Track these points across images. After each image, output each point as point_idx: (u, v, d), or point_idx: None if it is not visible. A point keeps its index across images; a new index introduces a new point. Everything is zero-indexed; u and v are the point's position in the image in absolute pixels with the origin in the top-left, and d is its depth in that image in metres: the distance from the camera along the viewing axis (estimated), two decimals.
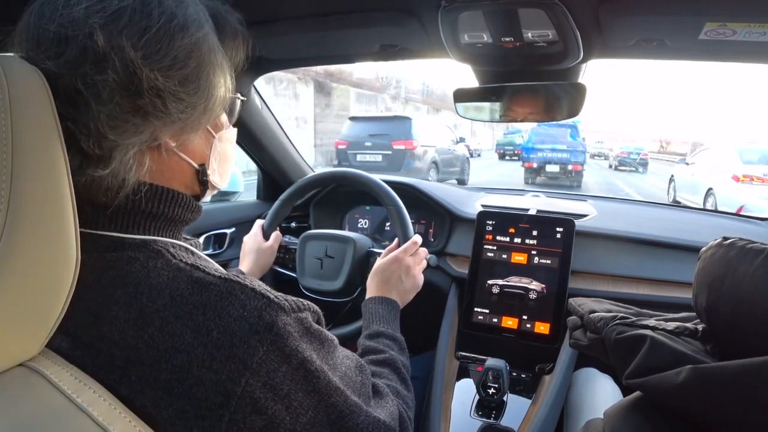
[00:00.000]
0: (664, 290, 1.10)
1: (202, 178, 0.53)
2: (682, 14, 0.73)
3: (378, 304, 0.83)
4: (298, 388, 0.46)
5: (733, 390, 0.43)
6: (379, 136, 7.84)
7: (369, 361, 0.70)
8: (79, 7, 0.41)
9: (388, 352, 0.72)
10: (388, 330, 0.77)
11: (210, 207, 1.41)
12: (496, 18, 0.76)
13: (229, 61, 0.52)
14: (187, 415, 0.42)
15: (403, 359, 0.73)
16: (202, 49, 0.46)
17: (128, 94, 0.42)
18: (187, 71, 0.45)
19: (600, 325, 0.60)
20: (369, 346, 0.74)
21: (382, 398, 0.59)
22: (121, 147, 0.44)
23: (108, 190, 0.44)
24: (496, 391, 0.96)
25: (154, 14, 0.43)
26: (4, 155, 0.36)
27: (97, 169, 0.43)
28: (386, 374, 0.68)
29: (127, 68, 0.41)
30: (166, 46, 0.43)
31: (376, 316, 0.80)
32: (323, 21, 0.91)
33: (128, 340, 0.42)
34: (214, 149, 0.55)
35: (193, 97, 0.46)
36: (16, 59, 0.40)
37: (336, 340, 0.54)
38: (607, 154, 29.56)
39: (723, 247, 0.51)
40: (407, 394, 0.68)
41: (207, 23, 0.48)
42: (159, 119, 0.45)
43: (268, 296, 0.46)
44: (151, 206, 0.48)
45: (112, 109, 0.42)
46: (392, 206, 1.05)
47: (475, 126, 13.62)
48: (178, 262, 0.46)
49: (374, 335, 0.76)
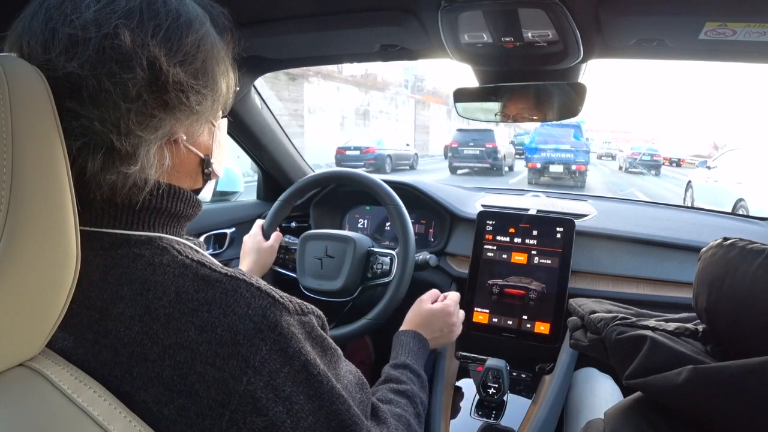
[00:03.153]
0: (665, 290, 1.10)
1: (205, 169, 0.54)
2: (682, 14, 0.73)
3: (411, 338, 0.83)
4: (299, 391, 0.46)
5: (734, 390, 0.43)
6: (476, 139, 13.27)
7: (389, 389, 0.70)
8: (89, 10, 0.42)
9: (410, 384, 0.72)
10: (414, 365, 0.77)
11: (210, 207, 1.41)
12: (496, 18, 0.76)
13: (228, 54, 0.53)
14: (187, 413, 0.42)
15: (422, 396, 0.73)
16: (206, 44, 0.48)
17: (155, 90, 0.43)
18: (197, 65, 0.47)
19: (600, 325, 0.60)
20: (392, 375, 0.74)
21: (378, 424, 0.57)
22: (146, 142, 0.45)
23: (134, 186, 0.45)
24: (497, 391, 0.96)
25: (161, 13, 0.44)
26: (4, 155, 0.36)
27: (130, 166, 0.44)
28: (402, 405, 0.67)
29: (153, 65, 0.43)
30: (178, 42, 0.45)
31: (405, 348, 0.80)
32: (323, 21, 0.91)
33: (133, 336, 0.42)
34: (215, 138, 0.56)
35: (205, 90, 0.48)
36: (17, 59, 0.40)
37: (340, 350, 0.54)
38: (615, 155, 29.15)
39: (723, 248, 0.51)
40: (418, 430, 0.67)
41: (206, 19, 0.49)
42: (182, 112, 0.47)
43: (273, 295, 0.47)
44: (154, 202, 0.48)
45: (140, 106, 0.43)
46: (392, 206, 1.05)
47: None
48: (184, 258, 0.47)
49: (400, 366, 0.76)
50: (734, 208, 5.70)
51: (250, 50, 1.05)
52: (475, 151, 13.26)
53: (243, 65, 0.56)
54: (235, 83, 0.55)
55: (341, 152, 13.06)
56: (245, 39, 0.53)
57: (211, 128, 0.55)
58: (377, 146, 13.33)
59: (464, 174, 13.61)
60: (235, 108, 1.24)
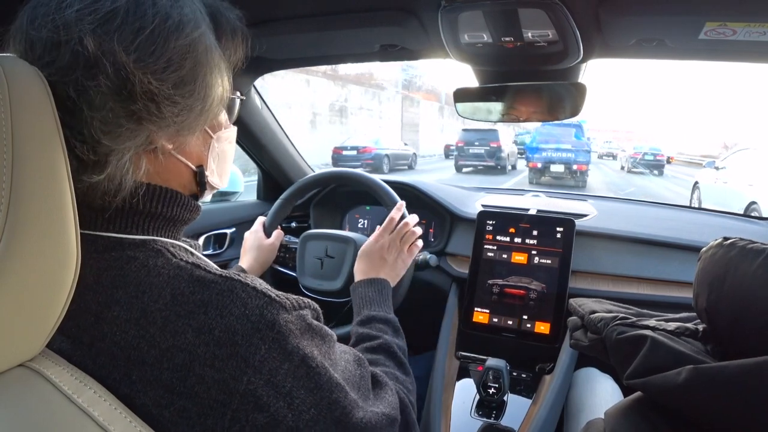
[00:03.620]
0: (665, 290, 1.10)
1: (199, 180, 0.53)
2: (682, 14, 0.73)
3: (366, 287, 0.81)
4: (300, 386, 0.46)
5: (734, 390, 0.43)
6: (481, 139, 13.95)
7: (363, 348, 0.70)
8: (71, 9, 0.40)
9: (382, 336, 0.71)
10: (380, 313, 0.76)
11: (210, 207, 1.41)
12: (496, 18, 0.76)
13: (226, 61, 0.51)
14: (188, 414, 0.42)
15: (398, 342, 0.72)
16: (198, 49, 0.46)
17: (121, 99, 0.42)
18: (182, 73, 0.44)
19: (600, 325, 0.60)
20: (362, 333, 0.73)
21: (381, 388, 0.59)
22: (117, 152, 0.43)
23: (105, 194, 0.44)
24: (497, 391, 0.96)
25: (148, 15, 0.42)
26: (4, 155, 0.36)
27: (93, 175, 0.43)
28: (382, 361, 0.68)
29: (119, 73, 0.41)
30: (161, 48, 0.43)
31: (365, 300, 0.79)
32: (323, 21, 0.91)
33: (130, 340, 0.42)
34: (212, 150, 0.54)
35: (189, 100, 0.46)
36: (16, 59, 0.40)
37: (334, 335, 0.54)
38: (617, 154, 28.91)
39: (723, 247, 0.51)
40: (405, 378, 0.67)
41: (204, 22, 0.47)
42: (154, 123, 0.44)
43: (269, 294, 0.47)
44: (149, 207, 0.48)
45: (105, 115, 0.41)
46: (392, 207, 1.04)
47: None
48: (179, 260, 0.46)
49: (366, 321, 0.75)
50: (746, 211, 5.35)
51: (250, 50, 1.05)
52: (480, 150, 13.93)
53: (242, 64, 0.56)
54: (231, 91, 0.53)
55: (338, 152, 13.02)
56: None
57: (207, 139, 0.53)
58: (375, 146, 13.31)
59: (469, 172, 14.04)
60: None
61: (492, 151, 13.86)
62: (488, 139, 13.71)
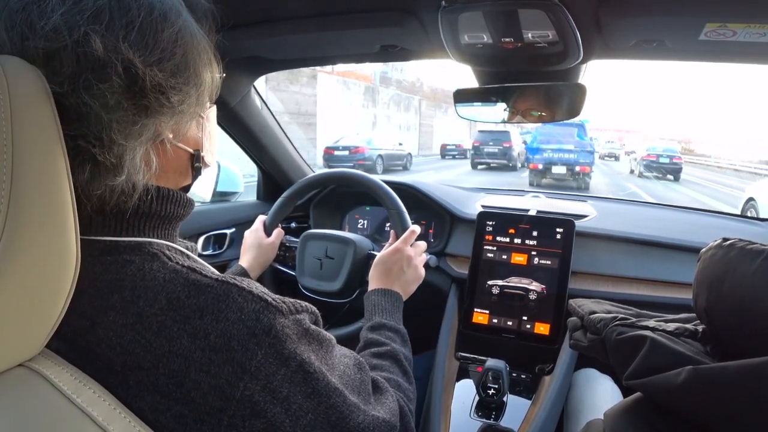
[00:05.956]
0: (664, 291, 1.10)
1: (195, 164, 0.53)
2: (682, 15, 0.73)
3: (380, 296, 0.82)
4: (297, 391, 0.46)
5: (734, 390, 0.43)
6: (495, 140, 15.38)
7: (371, 353, 0.70)
8: (55, 14, 0.39)
9: (390, 344, 0.72)
10: (390, 322, 0.77)
11: (210, 207, 1.41)
12: (496, 18, 0.76)
13: (210, 43, 0.51)
14: (185, 420, 0.42)
15: (405, 351, 0.73)
16: (185, 36, 0.46)
17: (133, 95, 0.42)
18: (176, 61, 0.44)
19: (600, 326, 0.60)
20: (371, 339, 0.73)
21: (382, 394, 0.59)
22: (130, 149, 0.43)
23: (122, 195, 0.44)
24: (496, 392, 0.96)
25: (132, 8, 0.41)
26: (4, 155, 0.36)
27: (115, 177, 0.43)
28: (387, 367, 0.68)
29: (128, 70, 0.41)
30: (153, 39, 0.42)
31: (378, 308, 0.80)
32: (323, 21, 0.91)
33: (125, 345, 0.42)
34: (205, 130, 0.54)
35: (187, 86, 0.46)
36: (17, 59, 0.39)
37: (334, 339, 0.54)
38: (619, 155, 28.06)
39: (723, 248, 0.51)
40: (408, 387, 0.67)
41: (183, 9, 0.47)
42: (164, 114, 0.45)
43: (266, 299, 0.46)
44: (143, 207, 0.47)
45: (122, 114, 0.41)
46: (393, 210, 1.04)
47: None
48: (174, 264, 0.46)
49: (376, 327, 0.76)
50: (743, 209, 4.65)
51: (250, 50, 1.05)
52: (494, 149, 15.54)
53: (243, 65, 0.56)
54: (219, 71, 0.53)
55: (329, 152, 12.83)
56: (245, 39, 0.52)
57: (200, 121, 0.53)
58: (367, 146, 13.13)
59: (483, 169, 15.66)
60: (235, 108, 1.24)
61: (504, 151, 15.43)
62: (501, 139, 15.29)
